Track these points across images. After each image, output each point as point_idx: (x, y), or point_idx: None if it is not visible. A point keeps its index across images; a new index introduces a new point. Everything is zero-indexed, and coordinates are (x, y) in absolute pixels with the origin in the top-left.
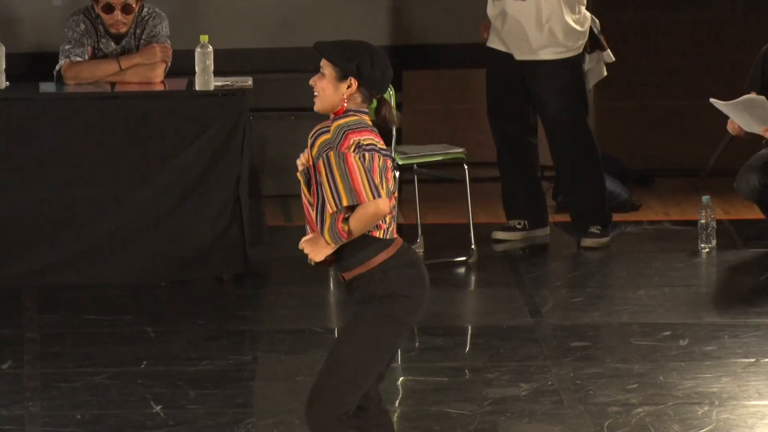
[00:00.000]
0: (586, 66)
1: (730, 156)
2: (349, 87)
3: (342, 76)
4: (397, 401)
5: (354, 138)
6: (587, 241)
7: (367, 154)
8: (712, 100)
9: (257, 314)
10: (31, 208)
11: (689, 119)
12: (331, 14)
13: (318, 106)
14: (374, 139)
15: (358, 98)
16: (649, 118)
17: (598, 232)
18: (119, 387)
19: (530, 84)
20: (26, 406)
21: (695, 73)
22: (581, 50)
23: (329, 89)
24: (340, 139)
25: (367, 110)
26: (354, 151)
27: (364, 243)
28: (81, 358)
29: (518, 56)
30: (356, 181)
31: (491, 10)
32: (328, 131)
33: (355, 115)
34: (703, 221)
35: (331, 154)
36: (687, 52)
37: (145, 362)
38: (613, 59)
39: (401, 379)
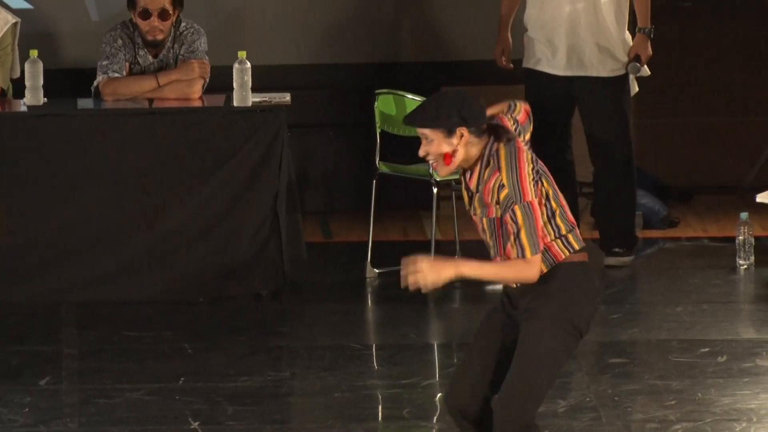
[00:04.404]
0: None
1: None
2: (462, 137)
3: (450, 132)
4: (435, 417)
5: (525, 178)
6: (610, 260)
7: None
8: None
9: (296, 330)
10: (70, 224)
11: (729, 136)
12: (368, 31)
13: (443, 171)
14: (529, 158)
15: (474, 139)
16: (689, 135)
17: (621, 252)
18: (157, 403)
19: (582, 101)
20: (64, 422)
21: (735, 90)
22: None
23: (444, 149)
24: (519, 188)
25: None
26: (534, 195)
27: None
28: (119, 374)
29: (570, 72)
30: (539, 228)
31: (533, 28)
32: (504, 186)
33: (499, 151)
34: (741, 237)
35: (517, 208)
36: (727, 68)
37: (183, 378)
38: (648, 73)
39: (439, 395)
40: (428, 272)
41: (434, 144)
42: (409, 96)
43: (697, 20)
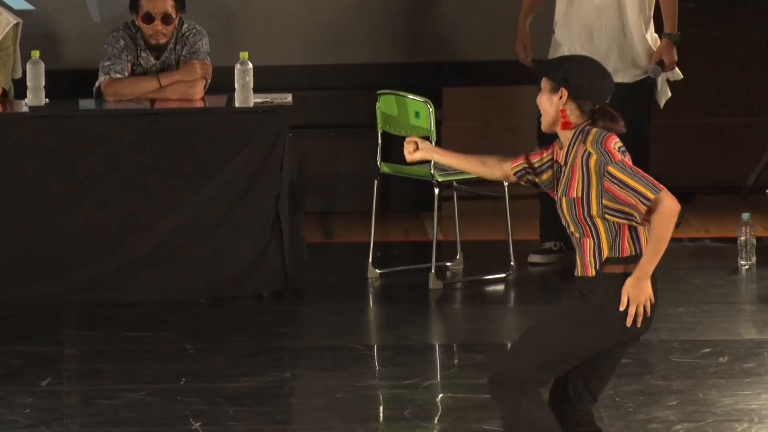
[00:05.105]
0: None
1: None
2: (560, 98)
3: (554, 88)
4: (437, 418)
5: (611, 148)
6: None
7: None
8: None
9: (297, 331)
10: (71, 225)
11: (731, 136)
12: (370, 31)
13: (543, 123)
14: (619, 142)
15: (576, 110)
16: (691, 135)
17: None
18: (159, 404)
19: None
20: (66, 423)
21: (738, 90)
22: None
23: (546, 103)
24: (606, 153)
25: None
26: (622, 156)
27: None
28: (120, 375)
29: None
30: (646, 175)
31: (560, 30)
32: (591, 153)
33: (590, 131)
34: (742, 238)
35: (611, 168)
36: (730, 68)
37: (184, 379)
38: (681, 77)
39: (440, 396)
40: (642, 297)
41: (543, 96)
42: (411, 96)
43: (700, 21)
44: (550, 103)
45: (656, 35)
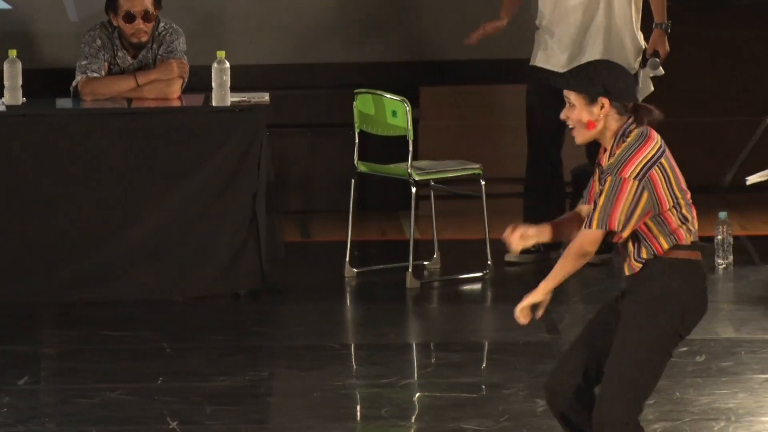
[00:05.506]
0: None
1: (747, 172)
2: (602, 107)
3: (591, 100)
4: (414, 417)
5: (636, 158)
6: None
7: (643, 182)
8: (748, 179)
9: (274, 330)
10: (48, 225)
11: (708, 135)
12: (347, 30)
13: (579, 138)
14: (655, 147)
15: (615, 114)
16: (668, 134)
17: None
18: (136, 403)
19: None
20: (43, 422)
21: (715, 90)
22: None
23: (585, 115)
24: (624, 162)
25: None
26: (635, 177)
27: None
28: (98, 374)
29: None
30: (616, 207)
31: (543, 25)
32: (616, 155)
33: (631, 131)
34: (719, 237)
35: (609, 179)
36: (705, 68)
37: (161, 378)
38: (662, 72)
39: (418, 395)
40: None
41: (575, 110)
42: (388, 95)
43: (681, 21)
44: (591, 115)
45: (641, 33)
